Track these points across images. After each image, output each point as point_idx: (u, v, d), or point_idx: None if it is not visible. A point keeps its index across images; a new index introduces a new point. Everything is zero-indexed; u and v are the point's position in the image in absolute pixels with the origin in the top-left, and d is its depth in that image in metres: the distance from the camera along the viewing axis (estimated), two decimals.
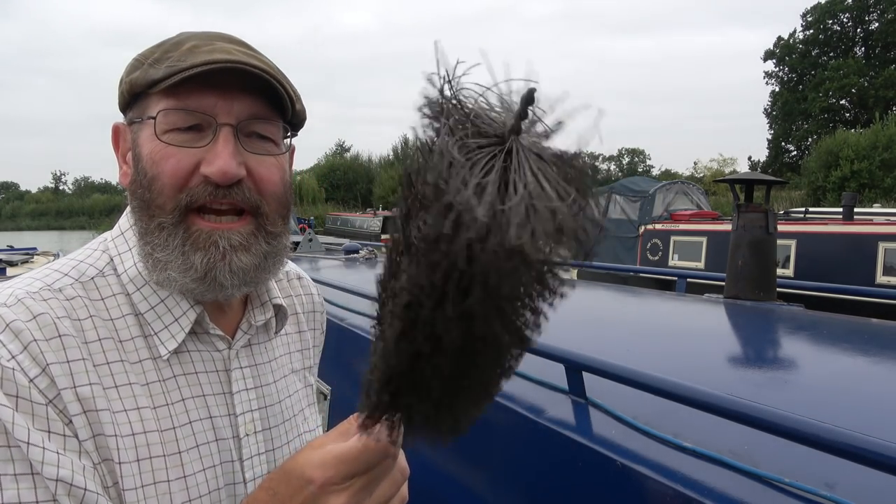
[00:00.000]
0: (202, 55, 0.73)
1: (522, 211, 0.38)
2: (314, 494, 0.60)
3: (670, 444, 1.15)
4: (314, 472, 0.61)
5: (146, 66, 0.75)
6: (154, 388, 0.74)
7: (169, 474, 0.72)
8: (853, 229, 9.24)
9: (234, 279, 0.75)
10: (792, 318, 2.45)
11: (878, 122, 33.31)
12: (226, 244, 0.74)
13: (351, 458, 0.60)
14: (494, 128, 0.42)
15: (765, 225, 2.97)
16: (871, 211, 13.37)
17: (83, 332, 0.71)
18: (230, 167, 0.73)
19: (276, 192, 0.79)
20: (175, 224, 0.74)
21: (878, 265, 8.54)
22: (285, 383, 0.91)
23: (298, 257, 5.50)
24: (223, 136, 0.74)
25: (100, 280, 0.76)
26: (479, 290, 0.42)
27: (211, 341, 0.81)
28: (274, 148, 0.79)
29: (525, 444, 1.40)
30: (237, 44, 0.79)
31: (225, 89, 0.74)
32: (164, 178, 0.73)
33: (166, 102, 0.74)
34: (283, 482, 0.63)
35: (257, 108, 0.77)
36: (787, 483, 0.98)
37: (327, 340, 1.10)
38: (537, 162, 0.40)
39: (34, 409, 0.63)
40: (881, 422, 1.28)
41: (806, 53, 45.07)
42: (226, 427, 0.79)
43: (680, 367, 1.66)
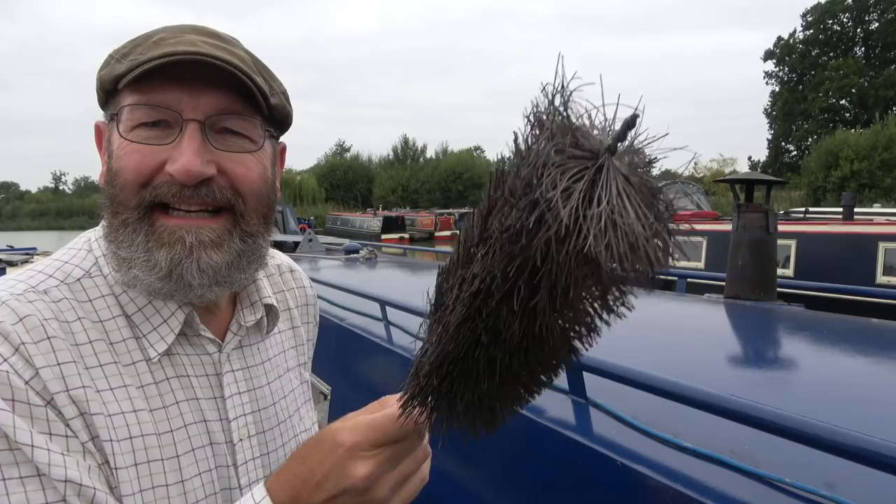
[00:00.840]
0: (166, 47, 0.69)
1: (603, 222, 0.40)
2: (342, 458, 0.62)
3: (671, 444, 1.15)
4: (344, 435, 0.62)
5: (114, 61, 0.72)
6: (149, 390, 0.72)
7: (167, 478, 0.70)
8: (853, 229, 9.23)
9: (202, 277, 0.71)
10: (792, 318, 2.45)
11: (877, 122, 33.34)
12: (193, 240, 0.71)
13: (381, 427, 0.62)
14: (592, 144, 0.43)
15: (765, 225, 2.97)
16: (871, 211, 13.37)
17: (73, 334, 0.68)
18: (194, 165, 0.69)
19: (255, 189, 0.75)
20: (138, 220, 0.71)
21: (878, 265, 8.53)
22: (280, 384, 0.89)
23: (298, 257, 5.50)
24: (189, 132, 0.70)
25: (86, 281, 0.73)
26: (547, 289, 0.44)
27: (201, 344, 0.79)
28: (249, 144, 0.75)
29: (525, 444, 1.40)
30: (208, 35, 0.74)
31: (192, 84, 0.70)
32: (126, 173, 0.70)
33: (131, 97, 0.71)
34: (314, 449, 0.64)
35: (228, 103, 0.72)
36: (787, 483, 0.98)
37: (327, 341, 1.10)
38: (624, 183, 0.42)
39: (33, 411, 0.62)
40: (881, 422, 1.28)
41: (806, 53, 45.06)
42: (219, 432, 0.78)
43: (680, 366, 1.66)
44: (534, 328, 0.46)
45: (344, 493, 0.62)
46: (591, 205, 0.41)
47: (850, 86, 41.46)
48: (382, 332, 2.35)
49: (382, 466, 0.63)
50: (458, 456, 1.60)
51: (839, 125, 40.71)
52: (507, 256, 0.44)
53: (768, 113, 47.78)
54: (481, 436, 0.59)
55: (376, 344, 2.34)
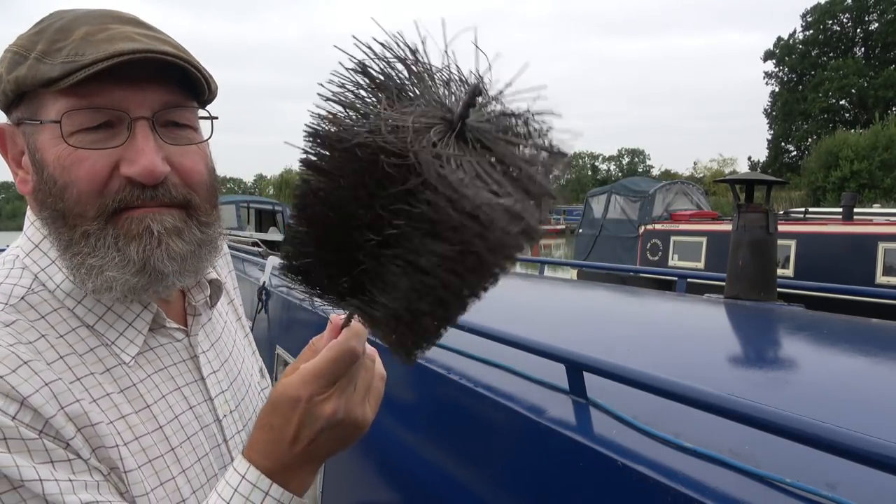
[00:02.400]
0: (102, 45, 0.65)
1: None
2: (306, 409, 0.64)
3: (671, 444, 1.15)
4: (298, 390, 0.64)
5: (32, 59, 0.67)
6: (130, 393, 0.71)
7: (172, 471, 0.72)
8: (853, 229, 9.23)
9: (173, 265, 0.71)
10: (792, 318, 2.45)
11: (877, 122, 33.33)
12: (160, 228, 0.70)
13: (325, 371, 0.64)
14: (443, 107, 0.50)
15: (765, 225, 2.97)
16: (870, 211, 13.35)
17: (40, 353, 0.66)
18: (156, 165, 0.67)
19: (204, 181, 0.74)
20: (101, 228, 0.68)
21: (878, 265, 8.53)
22: (237, 349, 0.92)
23: None
24: (140, 131, 0.67)
25: (31, 298, 0.69)
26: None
27: (169, 334, 0.79)
28: (194, 134, 0.74)
29: (525, 444, 1.40)
30: (133, 24, 0.71)
31: (133, 79, 0.67)
32: (79, 184, 0.67)
33: (67, 102, 0.66)
34: (274, 413, 0.65)
35: (170, 95, 0.70)
36: (788, 483, 0.98)
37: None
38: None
39: (29, 445, 0.60)
40: (882, 422, 1.28)
41: (806, 54, 45.07)
42: (206, 413, 0.79)
43: (681, 366, 1.66)
44: None
45: (321, 431, 0.64)
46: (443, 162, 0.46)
47: (850, 86, 41.46)
48: None
49: (344, 395, 0.65)
50: (458, 456, 1.60)
51: (839, 125, 40.71)
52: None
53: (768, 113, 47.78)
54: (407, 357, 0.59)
55: (376, 344, 2.33)
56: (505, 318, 1.75)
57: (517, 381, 1.52)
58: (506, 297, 3.26)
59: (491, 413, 1.49)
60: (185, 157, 0.72)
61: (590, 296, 3.18)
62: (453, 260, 0.47)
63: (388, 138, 0.47)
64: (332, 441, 0.66)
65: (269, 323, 3.79)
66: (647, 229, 12.10)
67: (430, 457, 1.69)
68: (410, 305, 0.52)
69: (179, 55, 0.69)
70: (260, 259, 4.64)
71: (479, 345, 1.60)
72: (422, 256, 0.48)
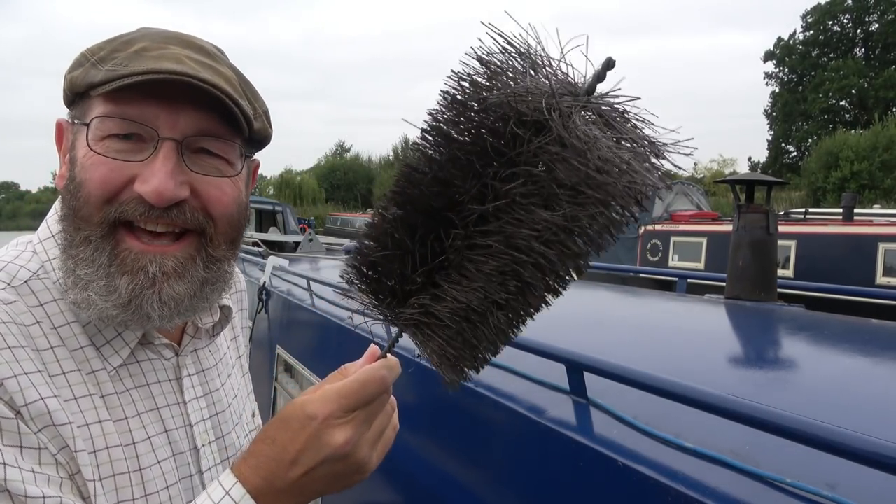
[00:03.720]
0: (147, 61, 0.66)
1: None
2: (317, 430, 0.61)
3: (671, 444, 1.14)
4: (316, 407, 0.61)
5: (89, 64, 0.68)
6: (111, 400, 0.69)
7: (133, 492, 0.69)
8: (853, 230, 9.23)
9: (163, 310, 0.68)
10: (792, 319, 2.45)
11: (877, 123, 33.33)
12: (156, 270, 0.68)
13: (351, 392, 0.62)
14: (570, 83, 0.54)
15: (765, 225, 2.97)
16: (870, 212, 13.35)
17: (32, 339, 0.65)
18: (166, 188, 0.66)
19: (228, 213, 0.72)
20: (102, 238, 0.67)
21: (878, 266, 8.53)
22: (230, 383, 0.88)
23: (299, 257, 5.50)
24: (164, 152, 0.66)
25: (35, 283, 0.69)
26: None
27: (157, 350, 0.76)
28: (226, 167, 0.72)
29: (526, 444, 1.40)
30: (193, 49, 0.71)
31: (172, 101, 0.67)
32: (90, 185, 0.66)
33: (104, 108, 0.67)
34: (282, 428, 0.62)
35: (208, 123, 0.69)
36: (788, 483, 0.98)
37: (328, 341, 1.11)
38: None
39: (2, 424, 0.59)
40: (881, 422, 1.28)
41: (806, 54, 45.06)
42: (182, 440, 0.76)
43: (681, 367, 1.66)
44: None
45: (324, 462, 0.61)
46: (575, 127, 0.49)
47: (850, 87, 41.46)
48: (383, 333, 2.35)
49: (359, 429, 0.63)
50: (458, 456, 1.60)
51: (839, 126, 40.72)
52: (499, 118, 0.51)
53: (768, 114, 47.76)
54: (455, 380, 0.59)
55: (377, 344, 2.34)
56: None
57: (517, 381, 1.52)
58: None
59: (491, 413, 1.49)
60: (211, 185, 0.70)
61: (590, 296, 3.18)
62: (561, 228, 0.50)
63: (525, 96, 0.50)
64: (329, 477, 0.62)
65: (269, 323, 3.78)
66: (648, 230, 12.10)
67: (430, 457, 1.69)
68: (488, 295, 0.53)
69: (219, 85, 0.67)
70: (260, 259, 4.64)
71: None
72: (524, 227, 0.50)
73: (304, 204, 50.64)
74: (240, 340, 0.97)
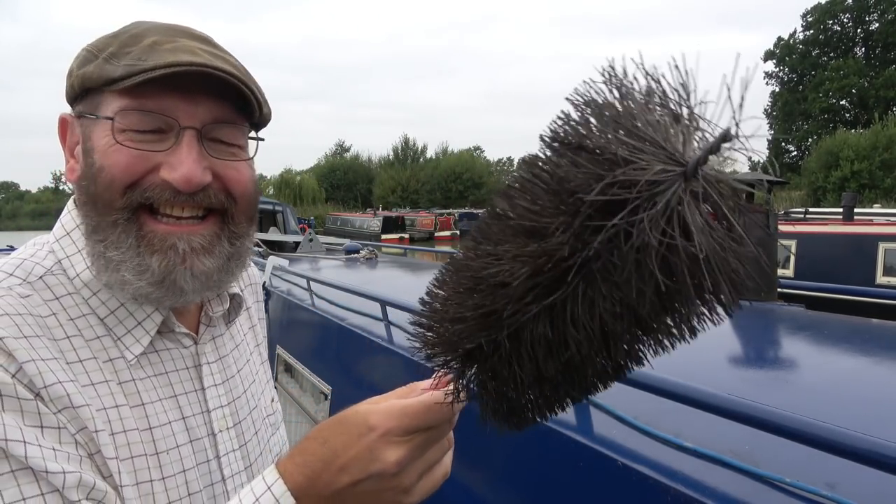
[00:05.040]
0: (165, 54, 0.68)
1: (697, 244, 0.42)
2: (374, 442, 0.59)
3: (671, 444, 1.15)
4: (377, 419, 0.60)
5: (101, 60, 0.70)
6: (128, 387, 0.71)
7: (151, 474, 0.70)
8: (853, 229, 9.23)
9: (195, 283, 0.71)
10: (792, 319, 2.45)
11: (878, 122, 33.34)
12: (185, 247, 0.70)
13: (416, 413, 0.60)
14: (675, 145, 0.43)
15: (765, 225, 2.97)
16: (871, 211, 13.35)
17: (49, 328, 0.66)
18: (195, 174, 0.69)
19: (247, 192, 0.76)
20: (127, 221, 0.69)
21: (878, 265, 8.53)
22: (248, 369, 0.90)
23: (299, 257, 5.50)
24: (186, 140, 0.69)
25: (49, 279, 0.71)
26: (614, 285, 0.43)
27: (177, 339, 0.79)
28: (240, 152, 0.76)
29: (526, 444, 1.40)
30: (200, 41, 0.74)
31: (188, 91, 0.69)
32: (114, 170, 0.68)
33: (123, 102, 0.69)
34: (338, 431, 0.61)
35: (222, 111, 0.72)
36: (788, 483, 0.98)
37: (328, 341, 1.11)
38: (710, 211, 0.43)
39: (23, 405, 0.60)
40: (882, 422, 1.28)
41: (806, 54, 45.08)
42: (200, 426, 0.78)
43: (681, 366, 1.66)
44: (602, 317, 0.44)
45: (370, 477, 0.59)
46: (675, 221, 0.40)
47: (851, 86, 41.47)
48: (383, 332, 2.35)
49: (413, 453, 0.61)
50: (458, 456, 1.60)
51: (839, 125, 40.73)
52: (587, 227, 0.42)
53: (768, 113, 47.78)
54: (506, 430, 0.55)
55: (377, 344, 2.34)
56: None
57: None
58: None
59: None
60: (230, 168, 0.74)
61: None
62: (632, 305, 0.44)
63: (624, 169, 0.41)
64: (370, 494, 0.61)
65: (269, 323, 3.79)
66: None
67: None
68: (541, 374, 0.48)
69: (235, 73, 0.70)
70: (260, 259, 4.65)
71: None
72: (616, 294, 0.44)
73: (304, 204, 50.65)
74: (257, 329, 1.00)
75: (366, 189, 64.46)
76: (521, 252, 0.45)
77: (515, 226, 0.46)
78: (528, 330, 0.47)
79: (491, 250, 0.48)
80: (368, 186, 64.46)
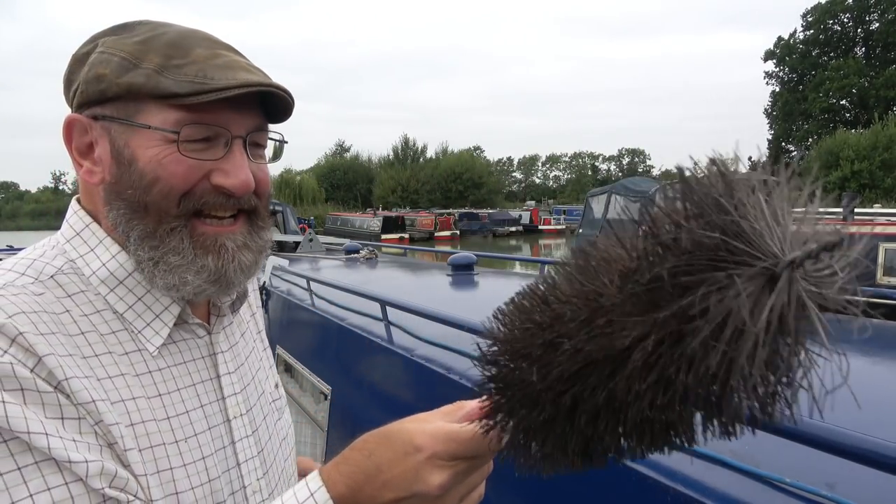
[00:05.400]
0: (225, 71, 0.73)
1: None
2: (419, 463, 0.61)
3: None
4: (424, 441, 0.61)
5: (151, 70, 0.72)
6: (145, 379, 0.73)
7: (172, 462, 0.72)
8: (853, 229, 9.22)
9: (240, 276, 0.78)
10: None
11: (878, 122, 33.35)
12: (233, 245, 0.77)
13: (463, 441, 0.61)
14: (766, 245, 0.41)
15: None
16: (871, 211, 13.36)
17: (63, 325, 0.68)
18: (250, 180, 0.76)
19: (268, 192, 0.83)
20: (183, 227, 0.74)
21: (879, 265, 8.53)
22: (254, 356, 0.94)
23: (299, 257, 5.50)
24: (237, 148, 0.76)
25: (61, 278, 0.73)
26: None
27: (192, 329, 0.82)
28: (265, 153, 0.83)
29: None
30: (236, 53, 0.79)
31: (238, 104, 0.75)
32: (173, 180, 0.72)
33: (181, 115, 0.72)
34: (383, 445, 0.63)
35: (259, 119, 0.79)
36: (787, 483, 0.98)
37: (328, 340, 1.12)
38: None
39: (43, 398, 0.62)
40: (882, 422, 1.28)
41: (806, 53, 45.11)
42: (216, 413, 0.81)
43: None
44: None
45: (412, 497, 0.61)
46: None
47: (851, 86, 41.50)
48: (383, 332, 2.35)
49: (456, 478, 0.62)
50: None
51: (839, 125, 40.75)
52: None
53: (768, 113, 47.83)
54: (542, 472, 0.56)
55: (377, 344, 2.34)
56: None
57: None
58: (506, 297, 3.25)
59: None
60: (260, 171, 0.80)
61: None
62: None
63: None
64: None
65: (269, 323, 3.79)
66: None
67: None
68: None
69: (288, 91, 0.78)
70: None
71: None
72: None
73: (304, 204, 50.70)
74: (258, 317, 1.03)
75: (366, 189, 64.49)
76: (648, 324, 0.44)
77: (641, 292, 0.45)
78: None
79: (608, 307, 0.47)
80: (368, 186, 64.50)
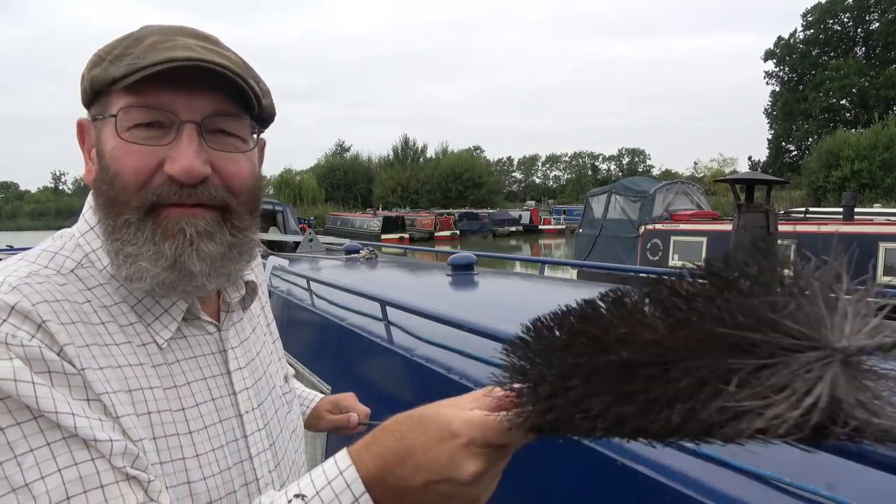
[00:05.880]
0: (162, 52, 0.72)
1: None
2: (456, 449, 0.60)
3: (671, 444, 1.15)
4: (461, 426, 0.61)
5: (107, 62, 0.74)
6: (161, 370, 0.75)
7: (184, 452, 0.73)
8: (853, 229, 9.23)
9: (202, 266, 0.74)
10: None
11: (878, 122, 33.34)
12: (192, 231, 0.74)
13: (497, 431, 0.61)
14: (821, 329, 0.42)
15: (765, 225, 2.97)
16: (871, 211, 13.36)
17: (86, 314, 0.70)
18: (194, 166, 0.72)
19: (246, 186, 0.79)
20: (140, 220, 0.73)
21: (879, 265, 8.53)
22: (265, 350, 0.95)
23: (299, 257, 5.50)
24: (186, 133, 0.73)
25: (80, 271, 0.75)
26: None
27: (202, 325, 0.83)
28: (241, 144, 0.79)
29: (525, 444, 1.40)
30: (200, 38, 0.77)
31: (187, 87, 0.73)
32: (126, 174, 0.72)
33: (126, 100, 0.72)
34: (417, 428, 0.62)
35: (222, 104, 0.76)
36: (787, 483, 0.98)
37: (328, 340, 1.12)
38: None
39: (70, 380, 0.64)
40: None
41: (806, 53, 45.10)
42: (227, 407, 0.82)
43: None
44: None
45: (444, 481, 0.61)
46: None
47: (851, 86, 41.50)
48: (383, 332, 2.35)
49: (489, 465, 0.62)
50: None
51: (840, 125, 40.74)
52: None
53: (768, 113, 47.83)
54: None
55: (377, 344, 2.34)
56: (505, 318, 1.75)
57: None
58: (506, 297, 3.25)
59: None
60: (229, 162, 0.77)
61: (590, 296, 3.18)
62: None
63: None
64: (440, 497, 0.62)
65: None
66: (648, 229, 12.11)
67: None
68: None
69: (229, 66, 0.73)
70: (261, 259, 4.64)
71: (480, 344, 1.60)
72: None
73: (304, 204, 50.64)
74: (267, 310, 1.05)
75: (366, 189, 64.48)
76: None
77: (721, 334, 0.45)
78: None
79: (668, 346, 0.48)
80: (368, 186, 64.48)
